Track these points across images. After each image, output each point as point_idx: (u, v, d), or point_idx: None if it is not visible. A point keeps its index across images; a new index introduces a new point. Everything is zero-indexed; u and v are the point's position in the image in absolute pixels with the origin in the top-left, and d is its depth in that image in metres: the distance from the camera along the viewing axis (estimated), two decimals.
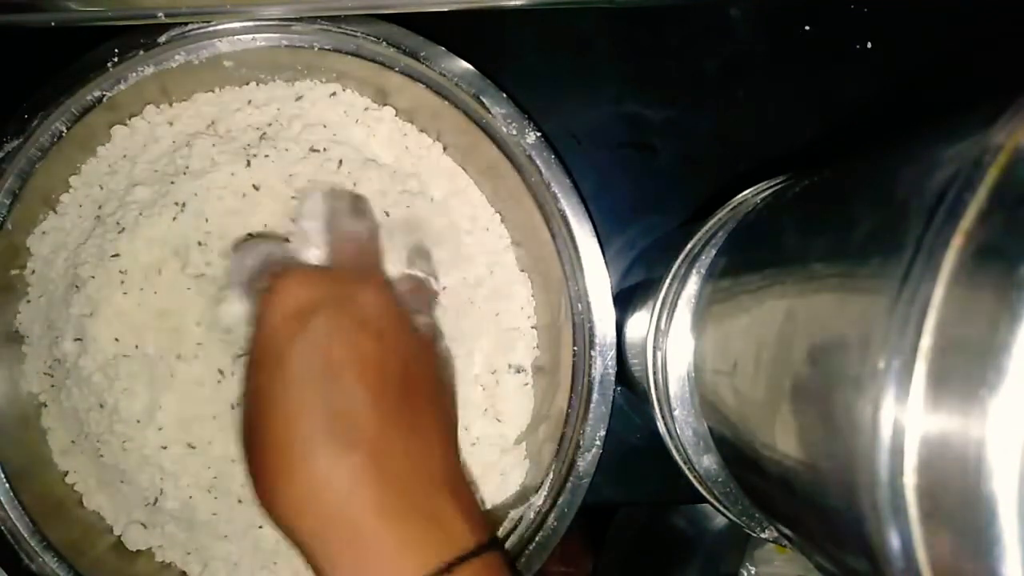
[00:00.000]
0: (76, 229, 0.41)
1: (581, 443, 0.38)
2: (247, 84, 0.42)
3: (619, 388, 0.44)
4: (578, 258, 0.39)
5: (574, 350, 0.39)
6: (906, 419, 0.17)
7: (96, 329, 0.39)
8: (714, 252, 0.35)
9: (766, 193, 0.34)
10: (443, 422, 0.30)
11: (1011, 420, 0.15)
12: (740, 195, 0.35)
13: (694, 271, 0.35)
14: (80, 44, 0.38)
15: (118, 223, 0.39)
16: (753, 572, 0.59)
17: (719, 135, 0.46)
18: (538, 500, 0.39)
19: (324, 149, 0.41)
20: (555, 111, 0.44)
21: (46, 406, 0.42)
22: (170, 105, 0.42)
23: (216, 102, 0.42)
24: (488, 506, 0.41)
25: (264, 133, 0.41)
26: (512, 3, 0.43)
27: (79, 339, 0.39)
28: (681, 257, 0.35)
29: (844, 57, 0.46)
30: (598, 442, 0.38)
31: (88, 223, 0.41)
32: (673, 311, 0.35)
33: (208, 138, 0.41)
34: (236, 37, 0.39)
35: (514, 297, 0.43)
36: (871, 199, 0.23)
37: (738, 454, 0.31)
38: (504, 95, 0.39)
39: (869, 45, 0.46)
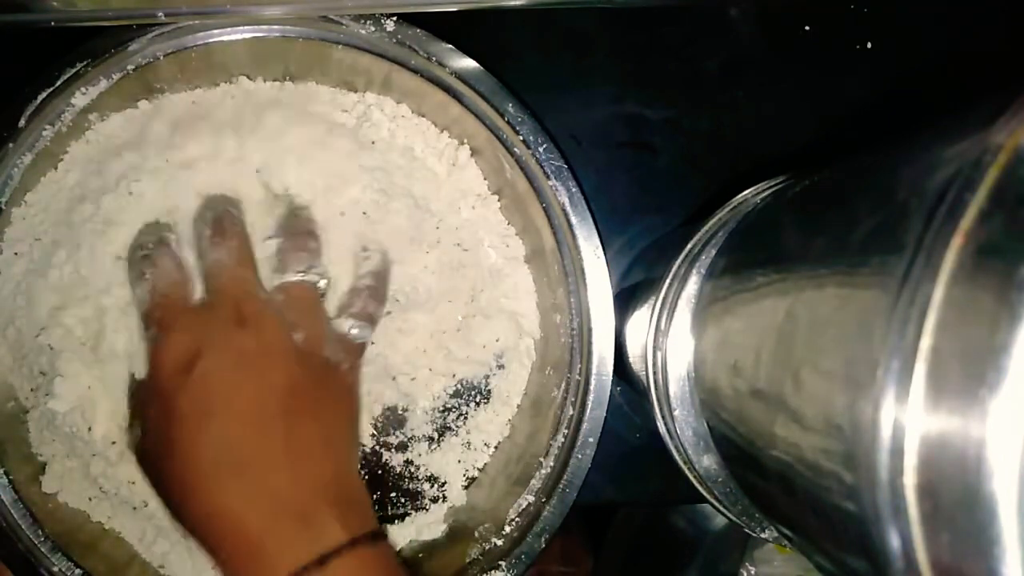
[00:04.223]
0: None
1: (578, 440, 0.38)
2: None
3: (619, 387, 0.44)
4: (579, 258, 0.38)
5: (573, 348, 0.39)
6: (906, 419, 0.17)
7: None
8: (714, 252, 0.35)
9: (766, 193, 0.34)
10: (327, 435, 0.34)
11: (1011, 420, 0.15)
12: (740, 195, 0.35)
13: (694, 271, 0.35)
14: (80, 43, 0.38)
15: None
16: (753, 572, 0.59)
17: (719, 135, 0.46)
18: (533, 496, 0.39)
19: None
20: (555, 111, 0.43)
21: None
22: None
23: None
24: (482, 503, 0.42)
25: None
26: (512, 3, 0.43)
27: (113, 441, 0.38)
28: (681, 257, 0.35)
29: (844, 57, 0.46)
30: (592, 439, 0.38)
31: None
32: (673, 311, 0.35)
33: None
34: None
35: (516, 293, 0.43)
36: (871, 199, 0.23)
37: (738, 454, 0.31)
38: (514, 97, 0.39)
39: (869, 45, 0.46)
